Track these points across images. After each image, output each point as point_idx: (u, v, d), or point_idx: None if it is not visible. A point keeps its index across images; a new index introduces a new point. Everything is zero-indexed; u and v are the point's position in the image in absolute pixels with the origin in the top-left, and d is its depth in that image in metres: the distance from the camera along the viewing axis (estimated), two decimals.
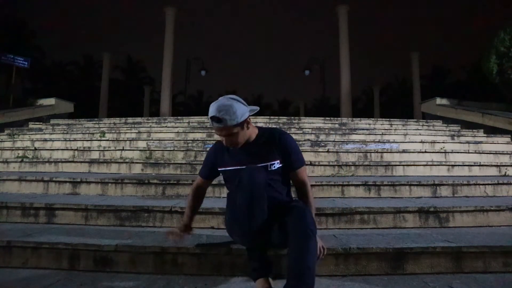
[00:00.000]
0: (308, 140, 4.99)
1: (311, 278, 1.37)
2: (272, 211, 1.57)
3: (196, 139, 5.28)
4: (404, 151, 4.44)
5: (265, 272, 1.58)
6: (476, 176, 3.78)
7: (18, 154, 4.53)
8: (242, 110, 1.60)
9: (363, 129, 6.55)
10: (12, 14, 15.16)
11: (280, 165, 1.68)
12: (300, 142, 4.75)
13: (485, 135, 6.32)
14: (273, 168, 1.66)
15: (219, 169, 1.77)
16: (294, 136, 2.14)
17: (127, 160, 3.94)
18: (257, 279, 1.56)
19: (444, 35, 15.70)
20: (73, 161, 3.97)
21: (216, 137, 1.83)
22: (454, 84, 21.67)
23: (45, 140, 5.42)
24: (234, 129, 1.60)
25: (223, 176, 1.80)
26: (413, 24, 14.97)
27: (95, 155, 4.47)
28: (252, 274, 1.60)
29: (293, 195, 1.79)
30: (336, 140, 5.07)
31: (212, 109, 1.58)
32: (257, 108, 1.71)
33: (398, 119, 8.33)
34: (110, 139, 5.38)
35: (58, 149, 4.65)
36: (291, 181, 1.76)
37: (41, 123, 8.24)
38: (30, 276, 1.72)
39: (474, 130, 6.76)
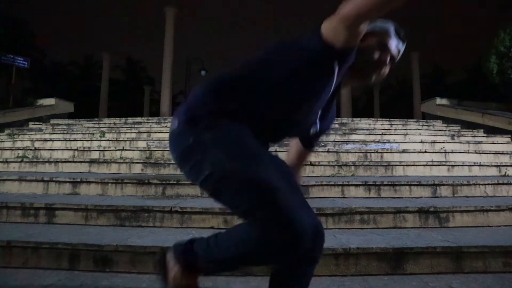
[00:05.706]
0: None
1: None
2: None
3: None
4: (404, 151, 4.44)
5: None
6: (476, 176, 3.79)
7: (18, 154, 4.53)
8: None
9: (363, 129, 6.54)
10: (12, 14, 15.17)
11: None
12: None
13: (485, 135, 6.32)
14: None
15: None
16: None
17: (127, 160, 3.94)
18: None
19: (444, 35, 15.68)
20: (73, 161, 3.98)
21: None
22: (454, 84, 21.67)
23: (45, 140, 5.42)
24: None
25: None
26: (413, 24, 14.95)
27: (95, 155, 4.47)
28: None
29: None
30: (336, 140, 5.07)
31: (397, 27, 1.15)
32: None
33: (398, 119, 8.33)
34: (110, 139, 5.38)
35: (58, 149, 4.65)
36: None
37: (41, 123, 8.24)
38: (30, 276, 1.71)
39: (474, 130, 6.76)
